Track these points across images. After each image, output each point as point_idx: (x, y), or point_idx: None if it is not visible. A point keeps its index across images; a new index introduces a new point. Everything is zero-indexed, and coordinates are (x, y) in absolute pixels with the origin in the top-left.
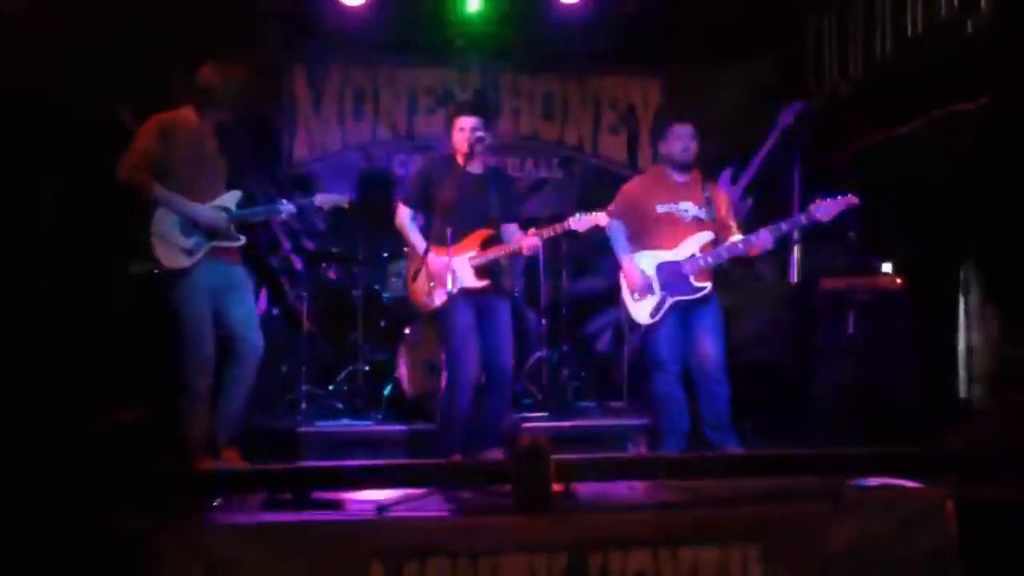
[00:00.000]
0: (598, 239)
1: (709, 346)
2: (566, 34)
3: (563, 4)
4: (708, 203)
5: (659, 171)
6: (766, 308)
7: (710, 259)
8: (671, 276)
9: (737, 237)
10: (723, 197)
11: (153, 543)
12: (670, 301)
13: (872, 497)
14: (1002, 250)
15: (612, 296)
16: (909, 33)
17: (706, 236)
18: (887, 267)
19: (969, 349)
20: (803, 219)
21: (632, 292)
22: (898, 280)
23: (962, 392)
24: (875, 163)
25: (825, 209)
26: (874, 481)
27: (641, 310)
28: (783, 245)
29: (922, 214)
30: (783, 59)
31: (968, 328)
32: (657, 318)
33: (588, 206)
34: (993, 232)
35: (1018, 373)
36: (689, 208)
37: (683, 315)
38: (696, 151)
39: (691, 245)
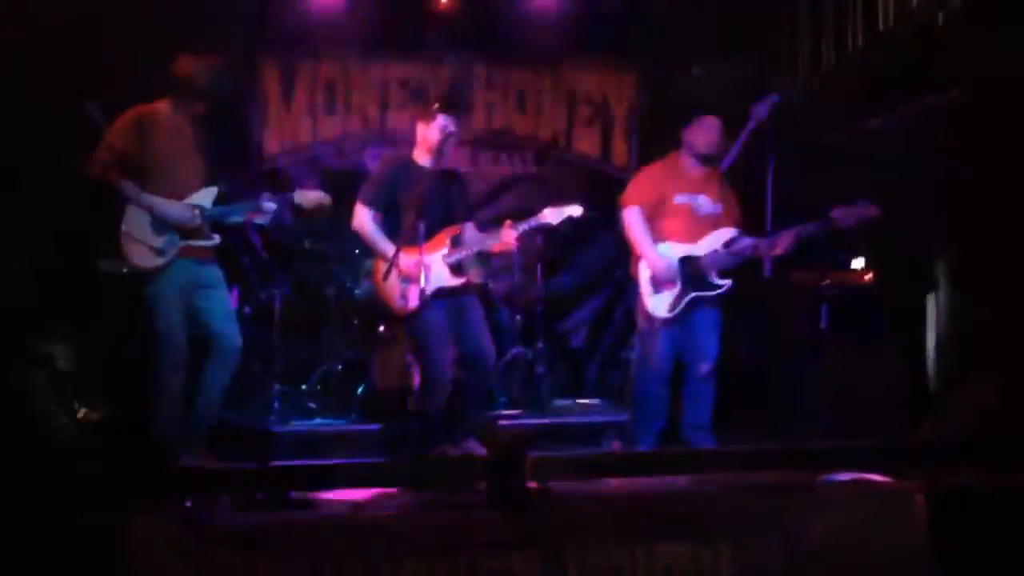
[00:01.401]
0: (572, 235)
1: (709, 347)
2: (539, 28)
3: None
4: (724, 199)
5: (676, 160)
6: (738, 302)
7: (733, 256)
8: (693, 271)
9: (754, 238)
10: (736, 197)
11: (125, 540)
12: (689, 296)
13: (844, 491)
14: (972, 243)
15: (588, 290)
16: (880, 26)
17: (729, 232)
18: (859, 262)
19: (939, 343)
20: (827, 225)
21: (654, 284)
22: (869, 274)
23: (932, 386)
24: (847, 156)
25: (846, 216)
26: (846, 475)
27: (659, 303)
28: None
29: (894, 208)
30: (757, 52)
31: (938, 322)
32: (675, 313)
33: (562, 200)
34: (964, 225)
35: (983, 364)
36: (706, 202)
37: (689, 314)
38: (721, 148)
39: (713, 240)
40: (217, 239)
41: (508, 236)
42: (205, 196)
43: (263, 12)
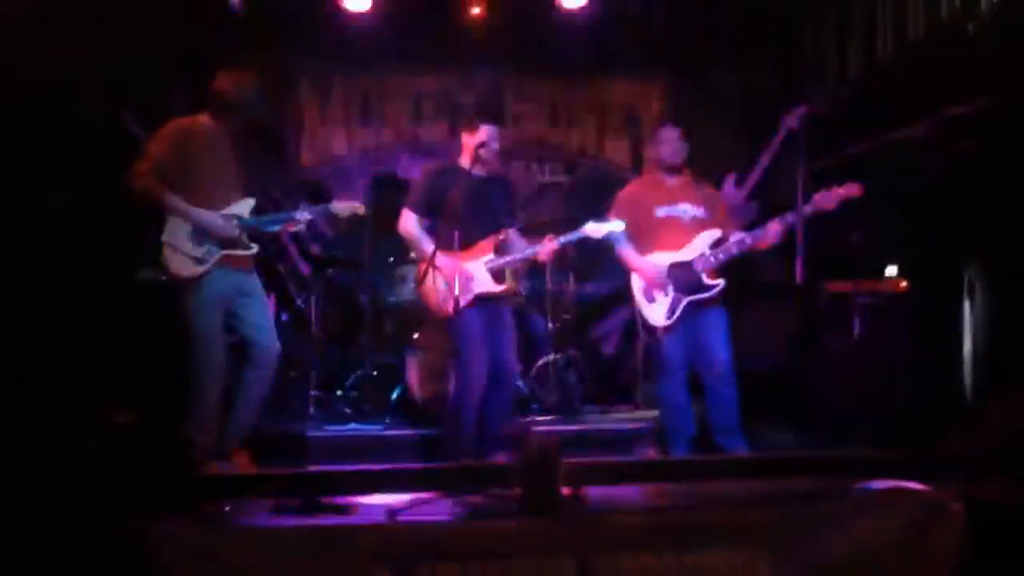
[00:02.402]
0: (604, 243)
1: (717, 349)
2: (569, 38)
3: (566, 9)
4: (705, 202)
5: (651, 176)
6: (771, 311)
7: (721, 256)
8: (683, 276)
9: (740, 233)
10: (719, 195)
11: (157, 546)
12: (684, 301)
13: (880, 499)
14: (1006, 251)
15: (619, 299)
16: (910, 35)
17: (714, 234)
18: (892, 270)
19: (974, 352)
20: (808, 209)
21: (646, 294)
22: (903, 283)
23: (968, 394)
24: (878, 166)
25: (828, 197)
26: (881, 483)
27: (656, 312)
28: (789, 245)
29: (926, 216)
30: (784, 62)
31: (973, 330)
32: (672, 319)
33: (593, 210)
34: (996, 234)
35: (1018, 372)
36: (687, 209)
37: (692, 318)
38: (686, 153)
39: (699, 244)
40: (255, 248)
41: (551, 247)
42: (243, 207)
43: (299, 27)
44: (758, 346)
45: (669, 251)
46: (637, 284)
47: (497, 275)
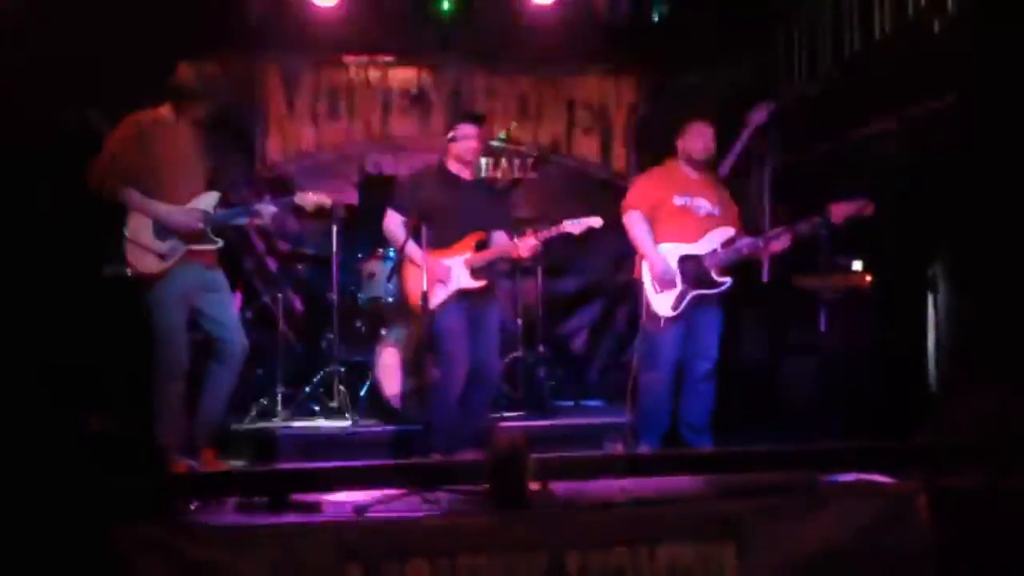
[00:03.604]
0: (572, 239)
1: (710, 346)
2: (539, 35)
3: (536, 4)
4: (721, 202)
5: (673, 167)
6: (738, 307)
7: (731, 254)
8: (692, 270)
9: (748, 237)
10: (733, 200)
11: (126, 546)
12: (691, 295)
13: (846, 492)
14: (969, 245)
15: (587, 295)
16: (877, 33)
17: (727, 231)
18: (857, 265)
19: (938, 345)
20: (821, 221)
21: (655, 284)
22: (868, 278)
23: (933, 387)
24: (844, 162)
25: (844, 211)
26: (848, 476)
27: (663, 303)
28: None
29: (891, 212)
30: (755, 59)
31: (937, 324)
32: (679, 311)
33: (562, 206)
34: (960, 229)
35: (983, 365)
36: (704, 204)
37: (692, 314)
38: (713, 152)
39: (712, 239)
40: (220, 243)
41: (530, 243)
42: (207, 200)
43: (264, 19)
44: (727, 341)
45: (681, 242)
46: (647, 272)
47: (476, 272)
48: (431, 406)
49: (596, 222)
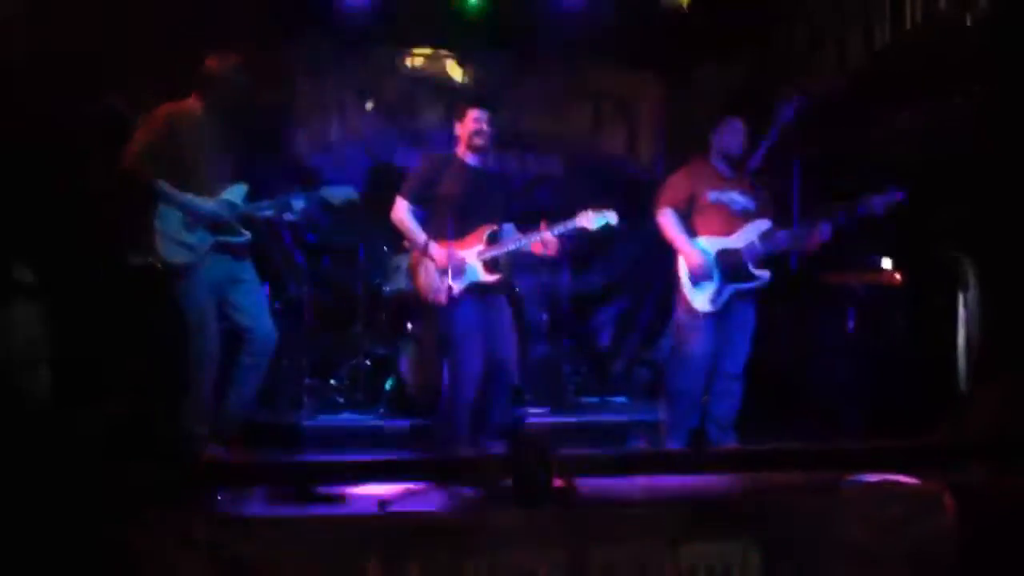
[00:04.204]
0: (598, 235)
1: (742, 343)
2: (565, 28)
3: None
4: (756, 196)
5: (705, 163)
6: (766, 303)
7: (770, 247)
8: (730, 263)
9: (785, 230)
10: (768, 194)
11: (148, 536)
12: (729, 289)
13: (871, 492)
14: (999, 242)
15: (613, 290)
16: (908, 25)
17: (764, 224)
18: (886, 262)
19: (968, 343)
20: (861, 211)
21: (693, 278)
22: (897, 275)
23: (962, 387)
24: (873, 157)
25: (878, 203)
26: (873, 476)
27: (701, 297)
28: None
29: (921, 208)
30: (782, 52)
31: (967, 323)
32: (717, 306)
33: (587, 201)
34: (990, 224)
35: (1012, 363)
36: (738, 198)
37: (728, 311)
38: (747, 147)
39: (750, 232)
40: (248, 235)
41: (545, 238)
42: (235, 193)
43: (293, 11)
44: (753, 339)
45: (716, 236)
46: (683, 267)
47: (490, 265)
48: (443, 402)
49: (612, 217)
